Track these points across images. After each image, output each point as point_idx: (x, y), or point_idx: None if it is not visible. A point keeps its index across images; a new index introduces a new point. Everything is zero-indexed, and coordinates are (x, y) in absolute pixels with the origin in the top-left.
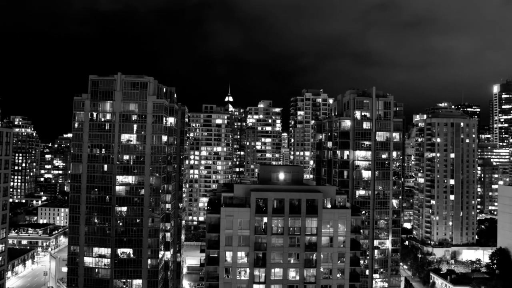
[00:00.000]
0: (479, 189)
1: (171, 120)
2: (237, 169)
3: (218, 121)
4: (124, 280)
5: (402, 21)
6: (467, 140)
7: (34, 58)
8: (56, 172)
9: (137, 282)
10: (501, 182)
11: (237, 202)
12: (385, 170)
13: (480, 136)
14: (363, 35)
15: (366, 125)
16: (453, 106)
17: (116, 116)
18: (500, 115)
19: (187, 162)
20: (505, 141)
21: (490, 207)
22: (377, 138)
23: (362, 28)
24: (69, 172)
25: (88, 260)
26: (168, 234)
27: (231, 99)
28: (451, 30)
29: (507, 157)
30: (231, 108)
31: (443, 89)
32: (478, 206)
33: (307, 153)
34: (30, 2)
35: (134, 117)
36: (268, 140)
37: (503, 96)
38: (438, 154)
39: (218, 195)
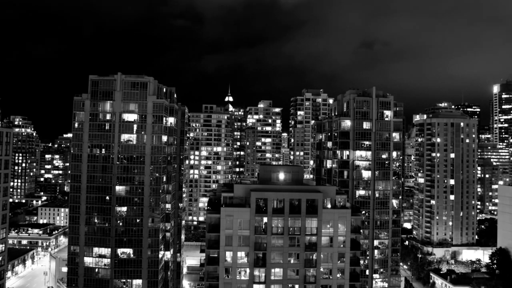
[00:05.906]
0: (479, 189)
1: (171, 120)
2: (237, 169)
3: (218, 121)
4: (124, 280)
5: None
6: (467, 140)
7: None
8: (56, 172)
9: (137, 282)
10: (501, 182)
11: (237, 202)
12: (385, 170)
13: (480, 136)
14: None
15: (366, 125)
16: (453, 106)
17: (116, 116)
18: (500, 115)
19: (187, 162)
20: (505, 141)
21: (490, 207)
22: (377, 138)
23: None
24: (69, 172)
25: (88, 260)
26: (168, 234)
27: (231, 99)
28: None
29: (507, 157)
30: (231, 108)
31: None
32: (478, 206)
33: (307, 153)
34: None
35: (134, 117)
36: (268, 140)
37: (503, 96)
38: (438, 154)
39: (218, 195)
